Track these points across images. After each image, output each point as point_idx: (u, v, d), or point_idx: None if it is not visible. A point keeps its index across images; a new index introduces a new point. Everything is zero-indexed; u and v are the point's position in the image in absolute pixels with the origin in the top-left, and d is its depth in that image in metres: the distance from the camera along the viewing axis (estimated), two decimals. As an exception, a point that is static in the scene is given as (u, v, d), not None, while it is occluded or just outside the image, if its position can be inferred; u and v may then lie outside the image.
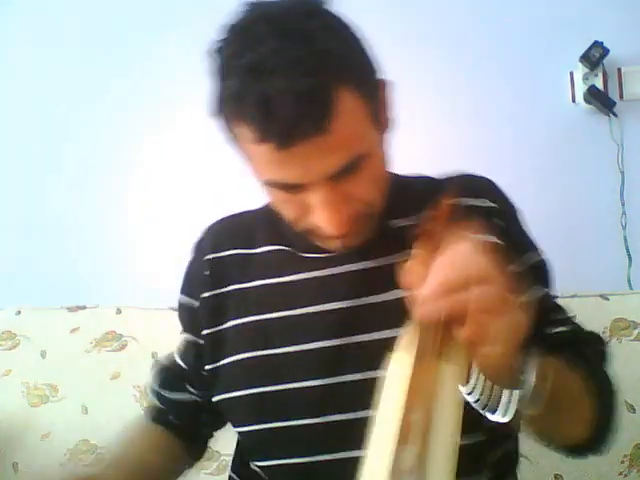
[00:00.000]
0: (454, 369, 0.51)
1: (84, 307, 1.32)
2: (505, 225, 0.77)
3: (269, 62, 0.58)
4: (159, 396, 0.88)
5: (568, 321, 0.78)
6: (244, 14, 0.64)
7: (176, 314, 0.88)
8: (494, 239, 0.73)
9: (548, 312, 0.76)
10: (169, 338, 1.23)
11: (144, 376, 1.23)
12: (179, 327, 0.88)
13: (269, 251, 0.81)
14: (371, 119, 0.66)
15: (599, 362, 0.76)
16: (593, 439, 0.69)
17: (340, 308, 0.74)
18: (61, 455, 1.20)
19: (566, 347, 0.72)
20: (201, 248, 0.87)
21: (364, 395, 0.63)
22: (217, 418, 0.85)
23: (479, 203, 0.77)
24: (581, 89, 1.42)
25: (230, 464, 0.87)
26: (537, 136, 1.44)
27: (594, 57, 1.39)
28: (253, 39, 0.60)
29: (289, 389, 0.72)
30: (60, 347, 1.28)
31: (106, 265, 1.52)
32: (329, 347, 0.72)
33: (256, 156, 0.64)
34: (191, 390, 0.85)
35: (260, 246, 0.81)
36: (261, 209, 0.87)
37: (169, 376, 0.88)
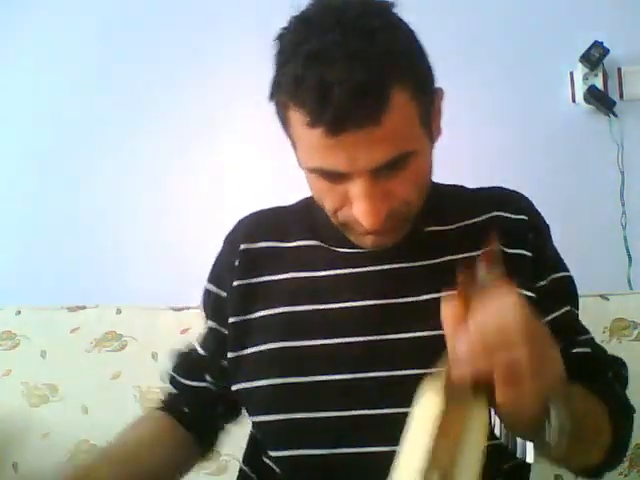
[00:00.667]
0: (481, 414, 0.51)
1: (84, 307, 1.32)
2: (538, 241, 0.79)
3: (332, 51, 0.61)
4: (173, 381, 0.88)
5: (590, 342, 0.79)
6: (312, 6, 0.67)
7: (176, 314, 0.89)
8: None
9: (572, 332, 0.78)
10: (169, 338, 1.24)
11: (144, 376, 1.23)
12: (179, 327, 0.88)
13: (303, 246, 0.82)
14: (421, 121, 0.67)
15: (620, 386, 0.77)
16: (608, 461, 0.70)
17: (371, 305, 0.75)
18: (61, 455, 1.20)
19: (587, 369, 0.73)
20: (233, 239, 0.87)
21: (388, 392, 0.64)
22: (230, 410, 0.86)
23: (516, 218, 0.80)
24: (581, 89, 1.43)
25: (242, 456, 0.87)
26: (537, 136, 1.44)
27: (594, 57, 1.39)
28: (319, 28, 0.63)
29: (314, 381, 0.73)
30: (60, 347, 1.28)
31: (106, 265, 1.52)
32: (357, 343, 0.74)
33: (306, 141, 0.65)
34: (207, 378, 0.86)
35: (294, 240, 0.82)
36: (294, 206, 0.89)
37: (186, 362, 0.89)
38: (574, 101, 1.45)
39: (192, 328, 1.22)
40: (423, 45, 0.70)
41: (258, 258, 0.83)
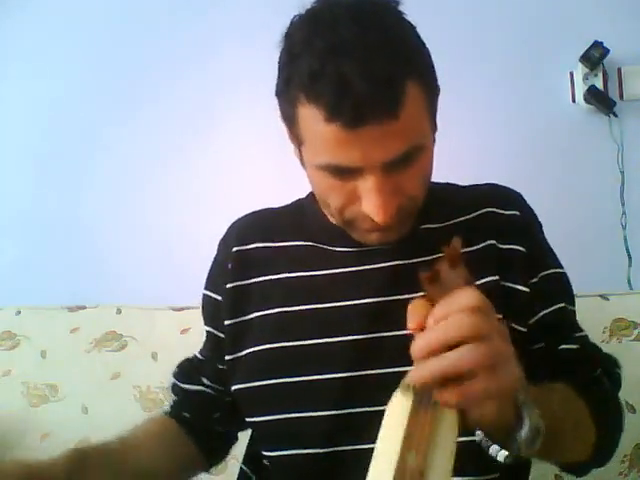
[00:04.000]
0: (450, 417, 0.51)
1: (84, 307, 1.32)
2: (531, 237, 0.80)
3: (350, 44, 0.61)
4: (175, 387, 0.89)
5: (582, 340, 0.79)
6: (317, 4, 0.67)
7: (176, 314, 0.89)
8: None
9: (564, 329, 0.78)
10: (169, 338, 1.24)
11: (144, 376, 1.23)
12: (179, 327, 0.88)
13: (297, 246, 0.82)
14: (429, 115, 0.68)
15: (610, 383, 0.76)
16: (594, 459, 0.70)
17: (367, 304, 0.75)
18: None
19: (572, 365, 0.73)
20: (226, 242, 0.88)
21: (385, 390, 0.64)
22: (227, 416, 0.86)
23: (508, 213, 0.80)
24: (581, 89, 1.42)
25: (242, 456, 0.87)
26: (537, 136, 1.44)
27: (594, 57, 1.39)
28: (331, 23, 0.63)
29: (311, 381, 0.73)
30: (60, 347, 1.28)
31: (106, 265, 1.52)
32: (353, 341, 0.74)
33: (320, 136, 0.64)
34: (203, 381, 0.86)
35: (286, 241, 0.83)
36: (286, 207, 0.89)
37: (185, 367, 0.90)
38: (574, 101, 1.45)
39: (192, 328, 1.23)
40: (424, 41, 0.70)
41: (251, 259, 0.83)
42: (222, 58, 1.48)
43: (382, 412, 0.58)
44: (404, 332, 0.61)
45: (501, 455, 0.55)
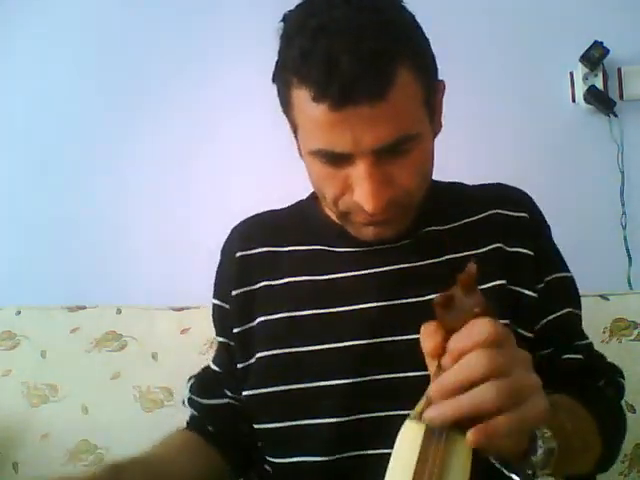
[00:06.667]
0: (463, 450, 0.48)
1: (84, 307, 1.32)
2: (539, 240, 0.78)
3: (340, 24, 0.61)
4: (192, 402, 0.86)
5: (587, 348, 0.78)
6: None
7: (176, 314, 0.89)
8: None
9: (570, 335, 0.77)
10: (169, 338, 1.24)
11: (144, 376, 1.23)
12: (179, 327, 0.87)
13: (301, 250, 0.80)
14: (424, 105, 0.67)
15: (614, 393, 0.76)
16: (599, 468, 0.70)
17: (372, 308, 0.74)
18: (61, 455, 1.20)
19: (576, 376, 0.72)
20: (229, 249, 0.86)
21: (392, 396, 0.63)
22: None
23: (516, 215, 0.78)
24: (581, 89, 1.42)
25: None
26: (537, 136, 1.44)
27: (594, 57, 1.39)
28: (325, 5, 0.63)
29: (317, 387, 0.72)
30: (60, 347, 1.27)
31: (106, 265, 1.52)
32: (359, 346, 0.72)
33: (310, 119, 0.64)
34: (227, 394, 0.83)
35: (291, 244, 0.81)
36: (288, 209, 0.88)
37: (202, 382, 0.87)
38: (574, 101, 1.45)
39: (192, 328, 1.23)
40: (425, 34, 0.70)
41: (255, 264, 0.81)
42: (224, 59, 1.49)
43: (389, 418, 0.57)
44: (411, 337, 0.61)
45: (516, 477, 0.52)
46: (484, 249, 0.76)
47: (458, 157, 1.22)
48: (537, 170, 1.43)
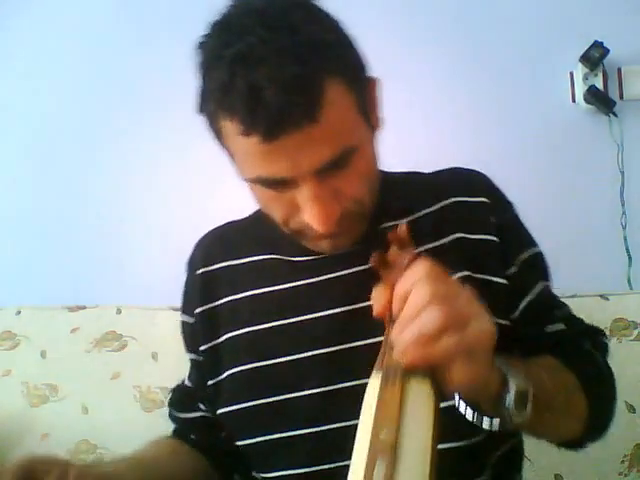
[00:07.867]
0: (420, 387, 0.50)
1: (84, 307, 1.32)
2: (501, 222, 0.76)
3: (257, 51, 0.57)
4: (172, 415, 0.86)
5: (567, 316, 0.77)
6: (228, 9, 0.64)
7: (176, 314, 0.88)
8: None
9: (548, 308, 0.76)
10: (169, 338, 1.24)
11: (144, 376, 1.23)
12: (179, 327, 0.87)
13: (258, 260, 0.79)
14: (360, 113, 0.64)
15: (598, 354, 0.75)
16: (589, 432, 0.69)
17: (336, 314, 0.72)
18: (61, 455, 1.20)
19: (564, 343, 0.72)
20: (193, 264, 0.85)
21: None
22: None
23: (475, 200, 0.76)
24: (581, 89, 1.43)
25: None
26: (537, 136, 1.44)
27: (594, 57, 1.39)
28: (239, 30, 0.59)
29: (288, 399, 0.71)
30: (60, 347, 1.28)
31: (106, 265, 1.52)
32: (326, 354, 0.71)
33: (242, 150, 0.62)
34: (201, 407, 0.83)
35: (248, 256, 0.80)
36: (245, 220, 0.86)
37: (178, 396, 0.87)
38: (574, 101, 1.45)
39: (192, 328, 1.23)
40: (349, 33, 0.66)
41: (216, 280, 0.80)
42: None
43: None
44: (378, 339, 0.59)
45: (486, 421, 0.54)
46: (444, 240, 0.74)
47: (458, 157, 1.22)
48: (537, 170, 1.43)
